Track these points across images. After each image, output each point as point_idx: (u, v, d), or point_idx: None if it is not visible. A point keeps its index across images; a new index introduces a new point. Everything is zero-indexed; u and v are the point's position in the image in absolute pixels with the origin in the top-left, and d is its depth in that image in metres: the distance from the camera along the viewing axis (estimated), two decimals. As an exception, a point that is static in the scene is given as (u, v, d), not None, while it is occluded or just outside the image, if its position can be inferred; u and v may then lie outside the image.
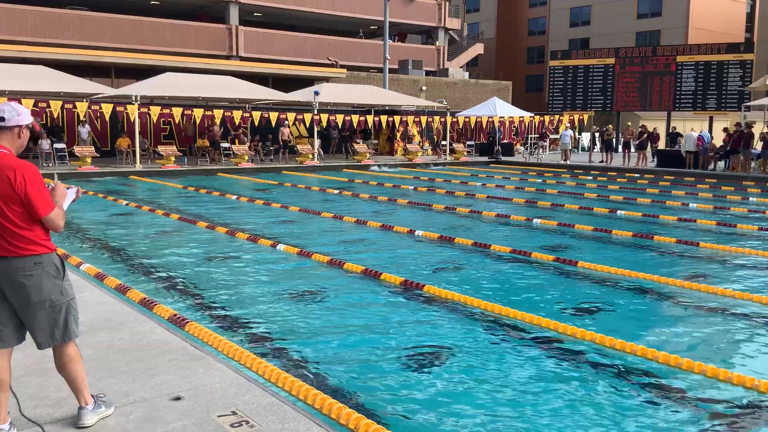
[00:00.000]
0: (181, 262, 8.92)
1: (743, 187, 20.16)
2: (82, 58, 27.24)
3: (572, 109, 35.36)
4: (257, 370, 4.78)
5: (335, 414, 4.04)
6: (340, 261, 8.70)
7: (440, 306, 6.89)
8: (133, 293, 6.77)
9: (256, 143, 26.33)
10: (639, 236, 11.17)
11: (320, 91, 26.17)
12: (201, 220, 12.25)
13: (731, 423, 4.34)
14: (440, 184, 20.40)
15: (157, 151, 23.66)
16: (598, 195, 17.57)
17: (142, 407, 3.85)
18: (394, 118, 29.27)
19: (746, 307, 6.98)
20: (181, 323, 5.79)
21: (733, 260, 9.50)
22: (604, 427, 4.25)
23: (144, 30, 32.29)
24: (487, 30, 59.68)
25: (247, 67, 31.13)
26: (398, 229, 11.45)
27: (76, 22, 30.52)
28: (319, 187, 18.93)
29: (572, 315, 6.65)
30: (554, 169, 26.60)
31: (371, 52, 40.40)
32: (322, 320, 6.38)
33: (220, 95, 25.21)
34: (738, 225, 12.44)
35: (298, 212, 13.68)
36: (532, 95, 56.15)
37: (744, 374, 4.95)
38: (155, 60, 28.72)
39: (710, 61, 31.72)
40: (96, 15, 31.25)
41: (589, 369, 5.23)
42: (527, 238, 11.32)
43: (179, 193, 17.57)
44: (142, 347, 4.87)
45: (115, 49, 29.64)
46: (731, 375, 4.94)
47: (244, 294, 7.31)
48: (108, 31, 31.18)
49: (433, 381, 4.95)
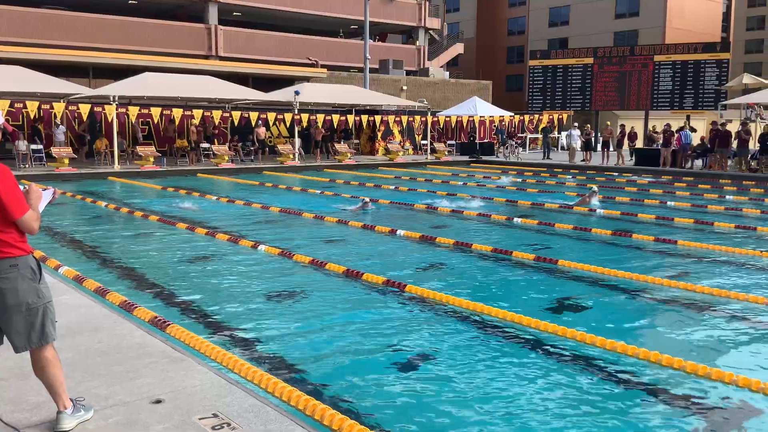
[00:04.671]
0: (160, 263, 8.85)
1: (720, 185, 20.42)
2: (60, 58, 26.91)
3: (552, 108, 35.59)
4: (239, 371, 4.75)
5: (318, 415, 4.02)
6: (322, 261, 8.67)
7: (422, 305, 6.90)
8: (112, 296, 6.70)
9: (236, 143, 26.17)
10: (618, 234, 11.26)
11: (301, 91, 26.09)
12: (181, 221, 12.16)
13: (710, 418, 4.39)
14: (421, 183, 20.43)
15: (135, 152, 23.44)
16: (577, 194, 17.69)
17: (122, 410, 3.81)
18: (375, 117, 29.26)
19: (724, 304, 7.06)
20: (161, 325, 5.74)
21: (710, 258, 9.61)
22: (584, 422, 4.27)
23: (122, 29, 31.98)
24: (467, 30, 59.89)
25: (226, 67, 30.95)
26: (380, 229, 11.45)
27: (53, 22, 30.16)
28: (300, 187, 18.88)
29: (553, 313, 6.69)
30: (534, 168, 26.75)
31: (352, 52, 40.35)
32: (303, 321, 6.35)
33: (199, 95, 25.03)
34: (715, 223, 12.59)
35: (279, 213, 13.63)
36: (512, 95, 56.43)
37: (723, 370, 5.01)
38: (134, 60, 28.46)
39: (687, 60, 32.08)
40: (73, 14, 30.91)
41: (570, 366, 5.26)
42: (508, 237, 11.37)
43: (158, 194, 17.43)
44: (122, 350, 4.81)
45: (93, 49, 29.31)
46: (710, 371, 4.99)
47: (225, 295, 7.26)
48: (86, 31, 30.84)
49: (415, 380, 4.95)
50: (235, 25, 37.27)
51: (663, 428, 4.25)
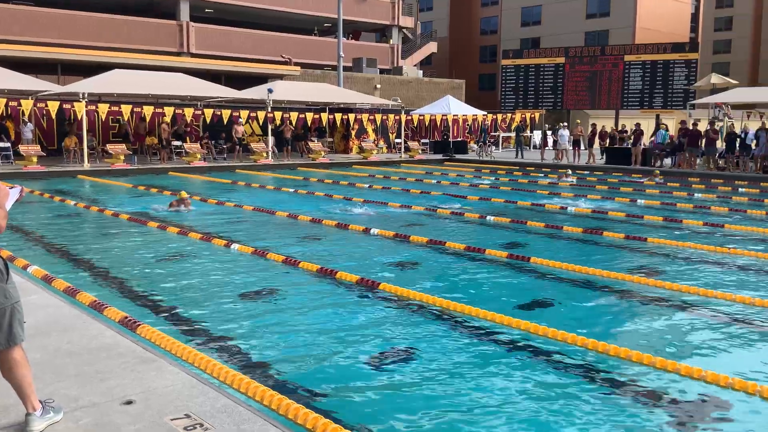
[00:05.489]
0: (131, 263, 8.74)
1: (689, 183, 20.76)
2: (27, 55, 26.42)
3: (524, 107, 35.88)
4: (211, 371, 4.72)
5: (292, 414, 4.01)
6: (295, 260, 8.65)
7: (396, 303, 6.91)
8: (82, 296, 6.60)
9: (207, 141, 25.93)
10: (589, 232, 11.39)
11: (274, 89, 25.95)
12: (152, 220, 12.03)
13: (680, 414, 4.46)
14: (395, 182, 20.46)
15: (105, 150, 23.12)
16: (549, 192, 17.86)
17: (92, 412, 3.76)
18: (349, 116, 29.22)
19: (693, 300, 7.18)
20: (132, 326, 5.67)
21: (679, 255, 9.77)
22: (556, 418, 4.32)
23: (92, 26, 31.52)
24: (440, 29, 60.08)
25: (198, 64, 30.66)
26: (354, 227, 11.44)
27: (21, 18, 29.61)
28: (273, 186, 18.79)
29: (525, 310, 6.75)
30: (507, 166, 26.93)
31: (325, 50, 40.25)
32: (277, 320, 6.33)
33: (170, 92, 24.76)
34: (684, 221, 12.79)
35: (252, 211, 13.55)
36: (485, 94, 56.74)
37: (691, 366, 5.10)
38: (104, 56, 28.07)
39: (657, 60, 32.55)
40: (42, 10, 30.37)
41: (543, 363, 5.31)
42: (481, 235, 11.44)
43: (129, 192, 17.22)
44: (92, 350, 4.75)
45: (62, 46, 28.83)
46: (679, 366, 5.08)
47: (197, 295, 7.20)
48: (54, 27, 30.34)
49: (389, 378, 4.96)
50: (208, 22, 36.96)
51: (633, 423, 4.31)
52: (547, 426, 4.25)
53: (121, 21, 32.74)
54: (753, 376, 4.97)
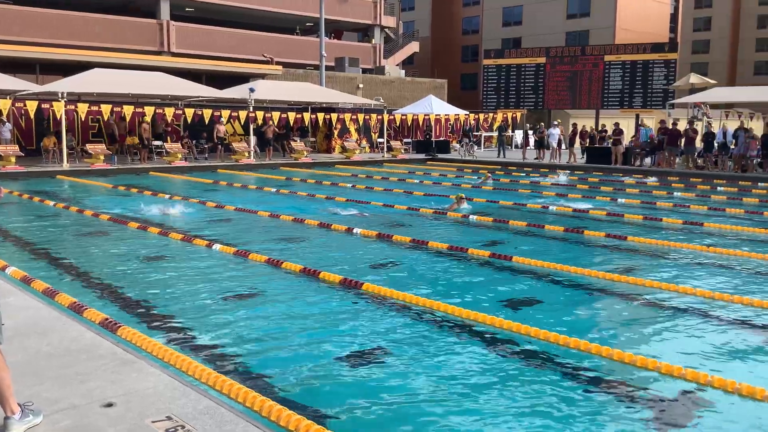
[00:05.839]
0: (112, 264, 8.67)
1: (668, 182, 20.97)
2: (5, 54, 26.05)
3: (506, 107, 36.00)
4: (193, 373, 4.69)
5: (274, 416, 4.00)
6: (278, 260, 8.62)
7: (379, 303, 6.91)
8: (61, 297, 6.53)
9: (187, 141, 25.74)
10: (570, 231, 11.47)
11: (256, 88, 25.84)
12: (132, 220, 11.93)
13: (659, 411, 4.51)
14: (378, 181, 20.46)
15: (85, 150, 22.89)
16: (531, 191, 17.96)
17: (72, 415, 3.72)
18: (332, 115, 29.17)
19: (673, 298, 7.26)
20: (112, 327, 5.62)
21: (659, 253, 9.86)
22: (538, 416, 4.35)
23: (71, 24, 31.18)
24: (422, 28, 60.20)
25: (179, 63, 30.43)
26: (336, 227, 11.43)
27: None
28: (255, 186, 18.71)
29: (507, 309, 6.78)
30: (490, 166, 27.03)
31: (308, 49, 40.15)
32: (259, 320, 6.30)
33: (151, 92, 24.58)
34: (664, 219, 12.92)
35: (235, 211, 13.48)
36: (467, 93, 56.92)
37: (671, 363, 5.15)
38: (83, 55, 27.77)
39: (636, 60, 32.80)
40: (19, 9, 30.00)
41: (525, 361, 5.34)
42: (464, 235, 11.47)
43: (109, 192, 17.07)
44: (72, 353, 4.70)
45: (40, 44, 28.49)
46: (660, 364, 5.13)
47: (179, 296, 7.15)
48: (33, 26, 29.98)
49: (372, 378, 4.96)
50: (188, 20, 36.72)
51: (613, 421, 4.35)
52: (527, 424, 4.27)
53: (100, 20, 32.42)
54: (732, 374, 5.02)
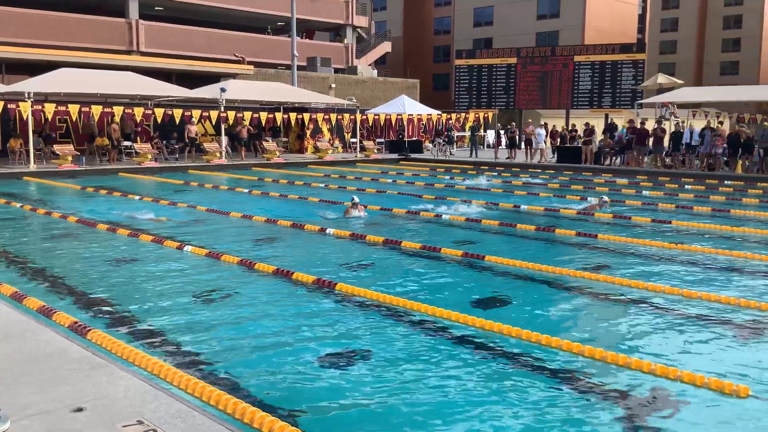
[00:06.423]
0: (81, 266, 8.54)
1: (637, 181, 21.28)
2: (-31, 53, 25.59)
3: (478, 107, 36.24)
4: (165, 376, 4.64)
5: (248, 418, 3.98)
6: (251, 261, 8.57)
7: (353, 304, 6.91)
8: (30, 301, 6.42)
9: (158, 141, 25.45)
10: (541, 230, 11.58)
11: (227, 88, 25.63)
12: (101, 222, 11.77)
13: (629, 406, 4.57)
14: (351, 181, 20.44)
15: (53, 151, 22.51)
16: (503, 190, 18.09)
17: (41, 420, 3.66)
18: (304, 115, 29.06)
19: (642, 295, 7.36)
20: (82, 331, 5.54)
21: (628, 250, 10.00)
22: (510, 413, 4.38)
23: (37, 23, 30.64)
24: (394, 28, 60.30)
25: (148, 63, 30.07)
26: (309, 228, 11.39)
27: (-40, 14, 28.63)
28: (227, 186, 18.58)
29: (480, 307, 6.82)
30: (462, 165, 27.18)
31: (279, 49, 39.94)
32: (232, 323, 6.26)
33: (120, 91, 24.26)
34: (633, 217, 13.11)
35: (206, 212, 13.37)
36: (440, 93, 57.15)
37: (641, 359, 5.23)
38: (50, 55, 27.29)
39: (605, 60, 33.23)
40: (-18, 6, 29.43)
41: (498, 359, 5.38)
42: (437, 234, 11.51)
43: (78, 194, 16.81)
44: (41, 357, 4.62)
45: (6, 44, 27.94)
46: (630, 360, 5.20)
47: (150, 299, 7.07)
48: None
49: (347, 380, 4.96)
50: (158, 20, 36.30)
51: (583, 416, 4.40)
52: (499, 421, 4.30)
53: (68, 18, 31.91)
54: (702, 369, 5.11)
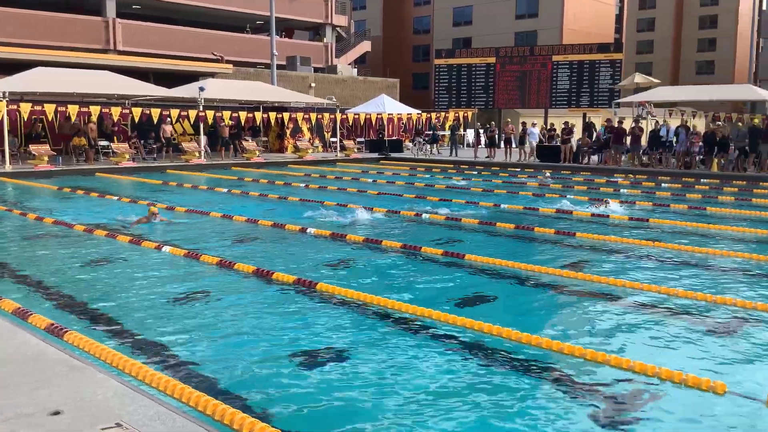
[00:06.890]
0: (57, 268, 8.43)
1: (614, 179, 21.48)
2: (-59, 51, 25.18)
3: (457, 106, 36.32)
4: (144, 378, 4.60)
5: (228, 419, 3.95)
6: (230, 261, 8.52)
7: (333, 303, 6.90)
8: (5, 303, 6.33)
9: (135, 141, 25.20)
10: (521, 228, 11.64)
11: (206, 87, 25.46)
12: (78, 223, 11.63)
13: (608, 403, 4.61)
14: (331, 181, 20.41)
15: (28, 151, 22.20)
16: (483, 189, 18.16)
17: (17, 424, 3.61)
18: (284, 115, 28.96)
19: (620, 293, 7.43)
20: (59, 333, 5.48)
21: (607, 248, 10.09)
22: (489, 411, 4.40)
23: (13, 22, 30.23)
24: (373, 28, 60.30)
25: (126, 62, 29.80)
26: (290, 227, 11.35)
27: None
28: (206, 186, 18.46)
29: (460, 306, 6.84)
30: (442, 165, 27.25)
31: (258, 48, 39.77)
32: (211, 323, 6.22)
33: (96, 91, 24.01)
34: (611, 216, 13.22)
35: (186, 212, 13.27)
36: (419, 92, 57.24)
37: (620, 356, 5.27)
38: (26, 54, 26.92)
39: (583, 60, 33.46)
40: (-45, 4, 28.97)
41: (478, 358, 5.40)
42: (417, 233, 11.53)
43: (54, 194, 16.60)
44: (17, 360, 4.56)
45: (-21, 42, 27.58)
46: (609, 357, 5.25)
47: (128, 300, 7.00)
48: (-30, 22, 28.96)
49: (327, 379, 4.95)
50: (135, 18, 35.97)
51: (562, 413, 4.43)
52: (480, 419, 4.32)
53: (43, 17, 31.52)
54: (679, 365, 5.17)
